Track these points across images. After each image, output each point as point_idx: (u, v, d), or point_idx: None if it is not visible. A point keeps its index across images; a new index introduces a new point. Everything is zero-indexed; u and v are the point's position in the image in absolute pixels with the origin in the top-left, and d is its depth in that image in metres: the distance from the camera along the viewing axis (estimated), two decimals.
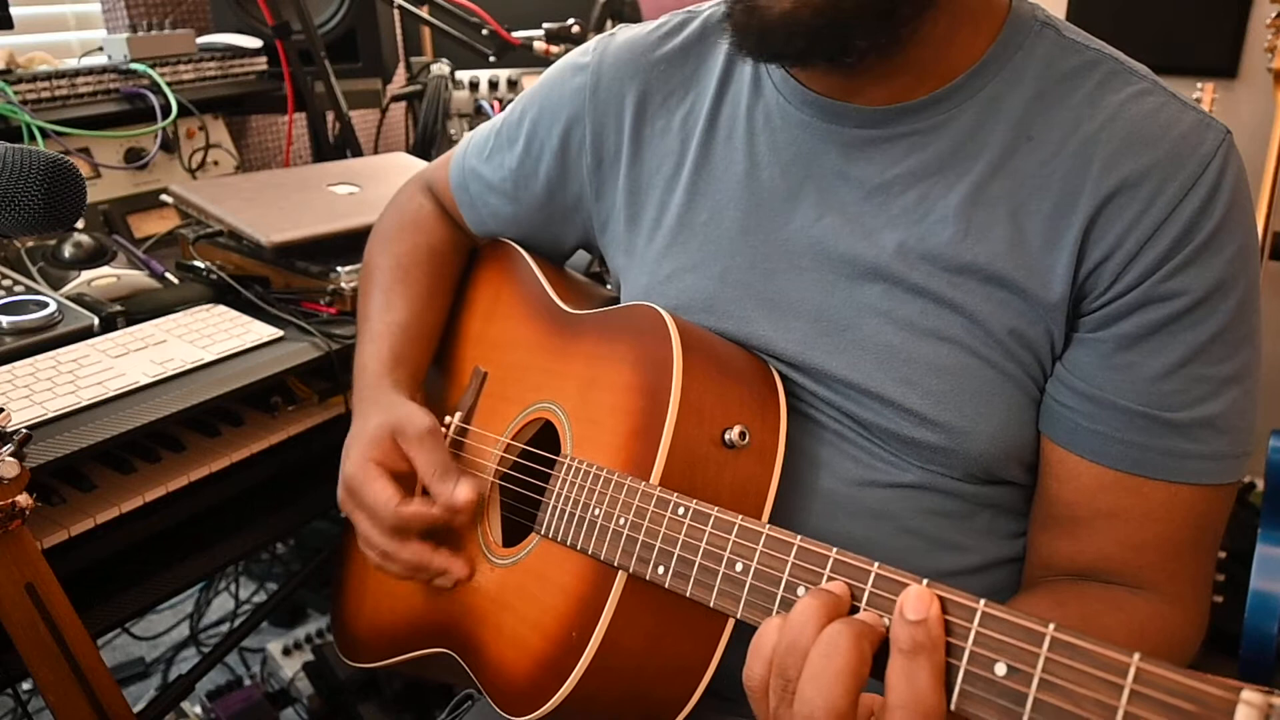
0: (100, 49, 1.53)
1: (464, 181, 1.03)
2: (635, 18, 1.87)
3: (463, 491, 0.79)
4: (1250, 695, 0.39)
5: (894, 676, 0.51)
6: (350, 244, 1.21)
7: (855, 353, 0.76)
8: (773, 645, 0.55)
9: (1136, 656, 0.43)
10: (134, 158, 1.48)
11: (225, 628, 2.02)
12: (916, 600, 0.50)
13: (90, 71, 1.43)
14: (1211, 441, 0.70)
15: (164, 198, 1.37)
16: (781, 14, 0.67)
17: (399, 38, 1.96)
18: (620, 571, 0.69)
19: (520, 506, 0.83)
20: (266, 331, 1.15)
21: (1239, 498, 2.05)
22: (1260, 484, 1.52)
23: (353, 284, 1.20)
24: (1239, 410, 0.70)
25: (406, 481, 0.83)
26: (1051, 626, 0.47)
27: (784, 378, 0.79)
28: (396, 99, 1.90)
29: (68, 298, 1.17)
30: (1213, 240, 0.67)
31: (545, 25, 1.79)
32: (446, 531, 0.85)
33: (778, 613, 0.59)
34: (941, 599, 0.51)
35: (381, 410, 0.86)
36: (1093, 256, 0.69)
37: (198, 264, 1.29)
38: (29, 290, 1.16)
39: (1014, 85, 0.73)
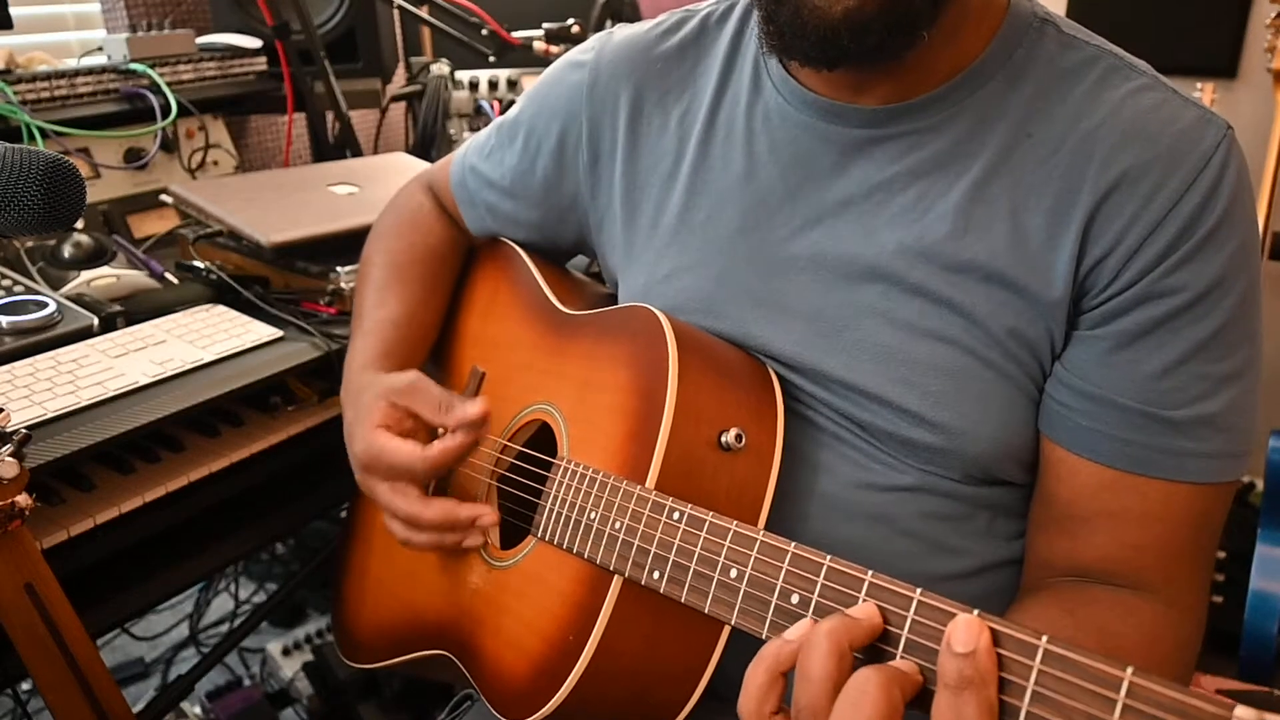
0: (100, 49, 1.53)
1: (463, 179, 1.03)
2: (635, 18, 1.87)
3: (473, 407, 0.77)
4: (1243, 712, 0.39)
5: (940, 714, 0.48)
6: (350, 244, 1.21)
7: (853, 353, 0.76)
8: (760, 684, 0.53)
9: (1129, 670, 0.43)
10: (134, 158, 1.48)
11: (225, 628, 2.02)
12: (965, 631, 0.48)
13: (90, 71, 1.43)
14: (1211, 440, 0.70)
15: (164, 198, 1.37)
16: (845, 12, 0.65)
17: (399, 38, 1.95)
18: (616, 576, 0.69)
19: (518, 509, 0.83)
20: (266, 332, 1.15)
21: (1239, 498, 2.05)
22: (1260, 484, 1.52)
23: (352, 284, 1.20)
24: (1238, 409, 0.70)
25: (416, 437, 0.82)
26: (1044, 639, 0.46)
27: (782, 379, 0.79)
28: (396, 99, 1.90)
29: (67, 298, 1.17)
30: (1214, 236, 0.67)
31: (545, 25, 1.79)
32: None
33: (770, 623, 0.59)
34: (931, 607, 0.50)
35: (368, 389, 0.86)
36: (1093, 252, 0.69)
37: (197, 264, 1.29)
38: (29, 290, 1.16)
39: (1014, 83, 0.73)
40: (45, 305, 1.11)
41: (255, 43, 1.64)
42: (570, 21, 1.80)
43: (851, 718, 0.48)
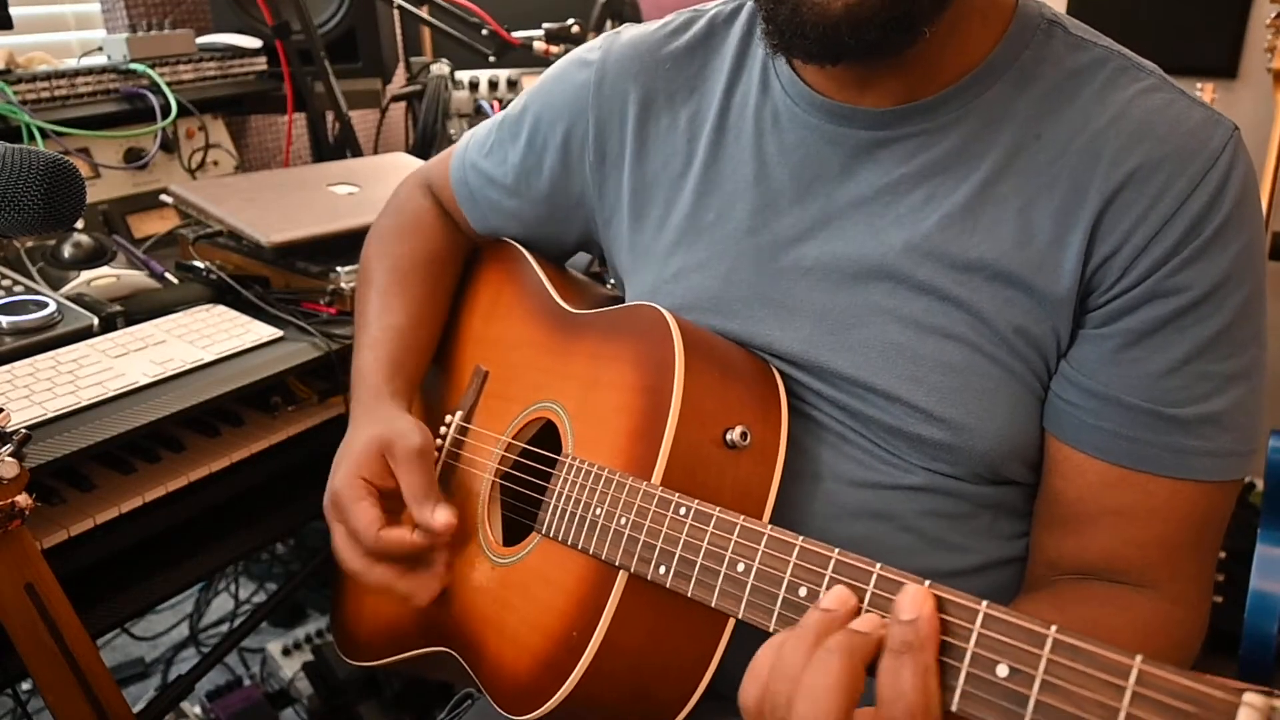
0: (100, 49, 1.53)
1: (464, 177, 1.02)
2: (635, 18, 1.87)
3: (440, 516, 0.78)
4: (1252, 697, 0.39)
5: (882, 676, 0.50)
6: (350, 244, 1.21)
7: (861, 351, 0.76)
8: (769, 668, 0.54)
9: (1138, 658, 0.43)
10: (134, 158, 1.48)
11: (225, 628, 2.02)
12: (911, 600, 0.50)
13: (90, 71, 1.43)
14: (1216, 438, 0.70)
15: (164, 198, 1.37)
16: (845, 8, 0.65)
17: (399, 38, 1.95)
18: (621, 571, 0.69)
19: (521, 506, 0.83)
20: (266, 331, 1.15)
21: (1239, 497, 2.04)
22: (1260, 484, 1.51)
23: (352, 284, 1.20)
24: (1243, 407, 0.70)
25: (394, 498, 0.82)
26: (1053, 628, 0.47)
27: (787, 377, 0.79)
28: (396, 99, 1.90)
29: (67, 298, 1.17)
30: (1220, 235, 0.67)
31: (545, 25, 1.79)
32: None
33: (778, 616, 0.59)
34: (943, 600, 0.51)
35: (376, 423, 0.85)
36: (1101, 250, 0.69)
37: (197, 264, 1.29)
38: (29, 290, 1.16)
39: (1022, 84, 0.73)
40: (45, 305, 1.11)
41: (255, 43, 1.64)
42: (570, 21, 1.80)
43: (816, 684, 0.51)
